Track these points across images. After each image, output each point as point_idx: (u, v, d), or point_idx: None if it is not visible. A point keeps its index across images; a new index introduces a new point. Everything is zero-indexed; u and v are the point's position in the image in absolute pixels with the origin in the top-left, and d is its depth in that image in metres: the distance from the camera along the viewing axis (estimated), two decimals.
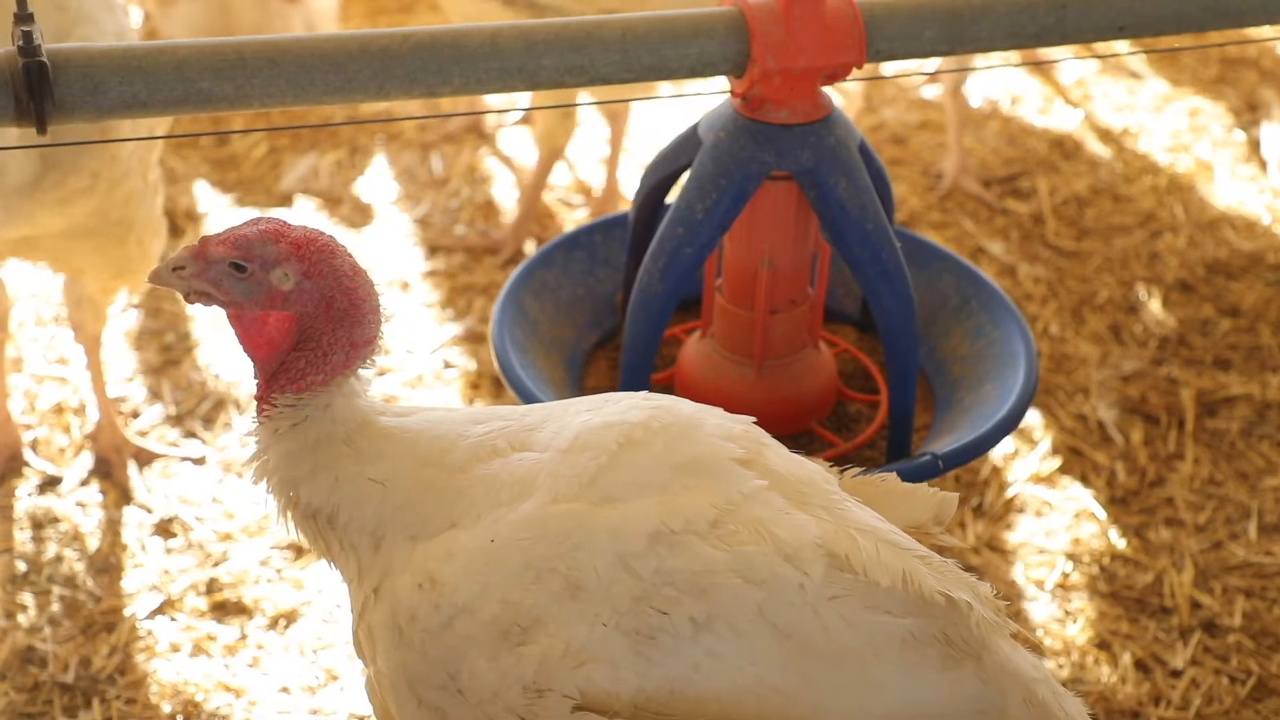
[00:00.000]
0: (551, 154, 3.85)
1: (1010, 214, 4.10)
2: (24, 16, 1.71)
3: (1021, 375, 2.33)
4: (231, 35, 4.35)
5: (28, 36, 1.73)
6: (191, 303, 1.76)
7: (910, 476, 2.19)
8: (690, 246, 2.30)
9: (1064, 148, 4.40)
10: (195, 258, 1.72)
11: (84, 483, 3.13)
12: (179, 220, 3.94)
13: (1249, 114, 4.55)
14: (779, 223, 2.37)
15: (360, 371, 1.78)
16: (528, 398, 2.27)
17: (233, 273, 1.71)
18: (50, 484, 3.13)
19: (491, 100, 4.36)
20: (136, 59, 1.86)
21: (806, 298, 2.45)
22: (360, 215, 4.04)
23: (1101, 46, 3.98)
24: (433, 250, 3.90)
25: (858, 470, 1.89)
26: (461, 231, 3.97)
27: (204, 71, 1.92)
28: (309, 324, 1.75)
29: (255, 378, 1.79)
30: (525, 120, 4.42)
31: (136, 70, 1.85)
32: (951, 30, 2.27)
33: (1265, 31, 2.87)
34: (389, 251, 3.90)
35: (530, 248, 3.91)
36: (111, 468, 3.14)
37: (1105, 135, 4.47)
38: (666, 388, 2.51)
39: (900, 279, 2.30)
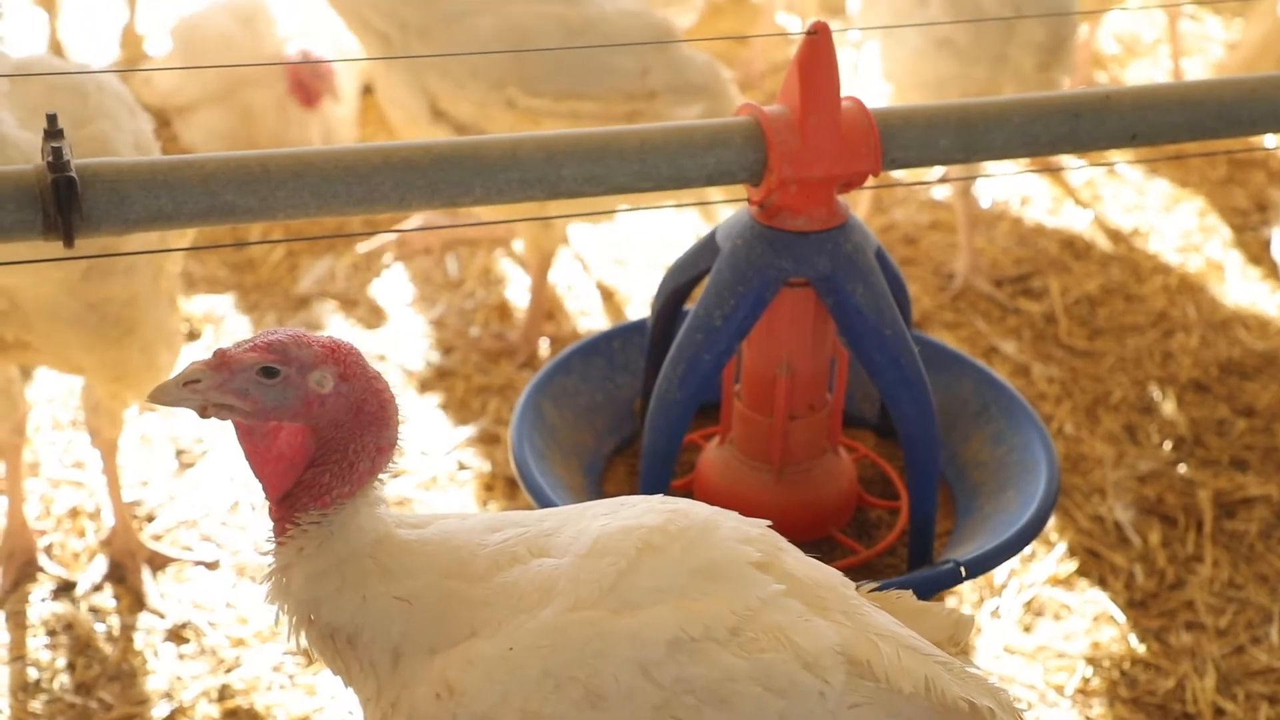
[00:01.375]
0: (542, 259, 3.87)
1: (1023, 313, 4.11)
2: (54, 133, 1.74)
3: (1043, 483, 2.32)
4: (253, 141, 4.47)
5: (57, 153, 1.75)
6: (206, 417, 1.67)
7: (932, 584, 2.18)
8: (709, 353, 2.30)
9: (1075, 248, 4.42)
10: (216, 368, 1.65)
11: (98, 588, 3.12)
12: (196, 323, 3.96)
13: (1258, 214, 4.58)
14: (797, 329, 2.37)
15: (379, 480, 1.76)
16: (545, 502, 2.27)
17: (262, 380, 1.65)
18: (64, 589, 3.12)
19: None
20: (162, 173, 1.88)
21: (825, 403, 2.45)
22: (376, 317, 4.06)
23: (1112, 151, 4.02)
24: (448, 351, 3.92)
25: (873, 586, 1.88)
26: (476, 333, 3.99)
27: (228, 184, 1.94)
28: (332, 433, 1.69)
29: (267, 498, 1.72)
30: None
31: (162, 184, 1.87)
32: (966, 139, 2.28)
33: (1271, 139, 2.90)
34: (404, 353, 3.91)
35: (545, 348, 3.93)
36: (125, 573, 3.13)
37: (1115, 235, 4.49)
38: (686, 494, 2.49)
39: (919, 384, 2.30)
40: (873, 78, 4.07)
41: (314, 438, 1.69)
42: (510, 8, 3.43)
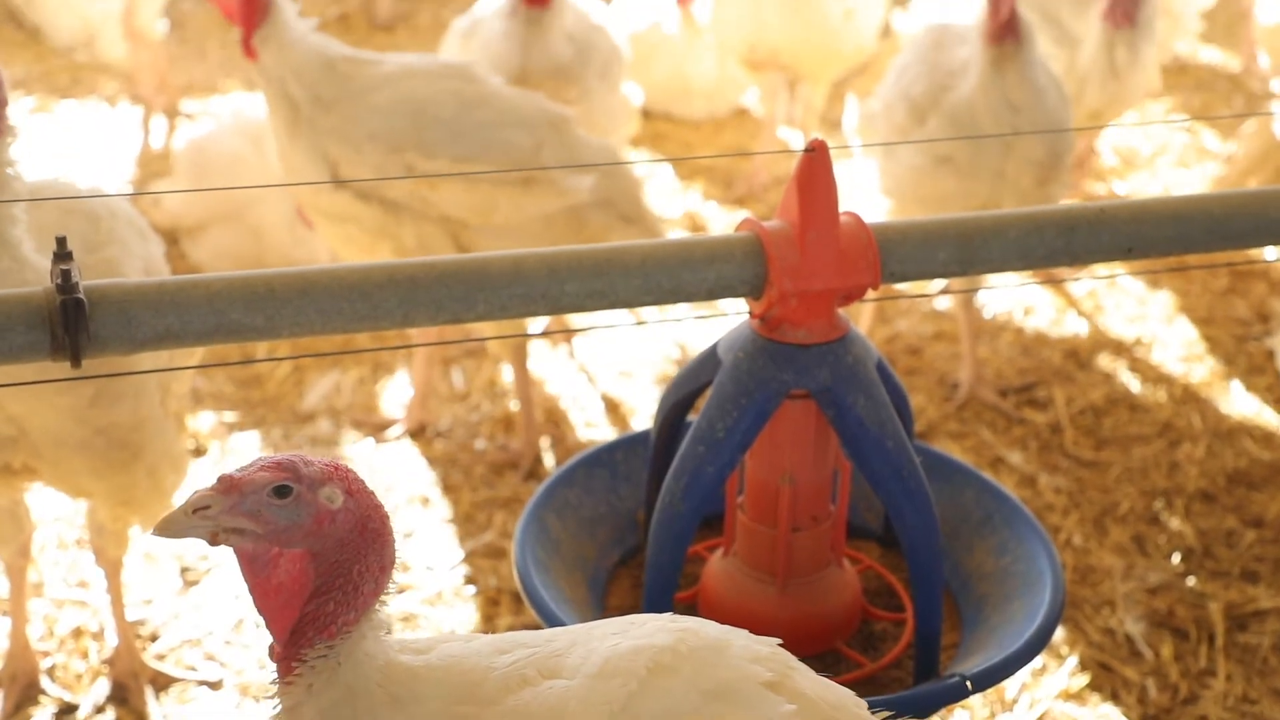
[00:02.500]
0: (518, 363, 3.91)
1: (1028, 424, 4.12)
2: (63, 255, 1.77)
3: (1048, 594, 2.31)
4: (261, 260, 4.52)
5: (66, 275, 1.78)
6: (216, 544, 1.64)
7: (939, 699, 2.16)
8: (712, 465, 2.30)
9: (1078, 358, 4.44)
10: (225, 492, 1.63)
11: (100, 709, 3.09)
12: (202, 440, 3.98)
13: (1260, 325, 4.61)
14: (799, 440, 2.38)
15: (381, 602, 1.74)
16: (550, 619, 2.26)
17: (274, 500, 1.63)
18: (66, 712, 3.09)
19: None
20: (170, 293, 1.91)
21: (829, 514, 2.44)
22: (382, 430, 4.07)
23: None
24: (453, 464, 3.92)
25: (886, 716, 1.86)
26: (482, 446, 4.00)
27: (235, 304, 1.97)
28: (336, 555, 1.67)
29: (272, 637, 1.68)
30: (543, 334, 4.50)
31: (170, 304, 1.90)
32: (964, 253, 2.31)
33: (1272, 251, 2.93)
34: (410, 466, 3.92)
35: (550, 457, 3.93)
36: (128, 694, 3.10)
37: (1119, 346, 4.51)
38: (690, 607, 2.49)
39: (922, 495, 2.30)
40: (872, 193, 4.13)
41: (314, 565, 1.67)
42: (410, 82, 3.57)
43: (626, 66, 4.67)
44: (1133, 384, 4.31)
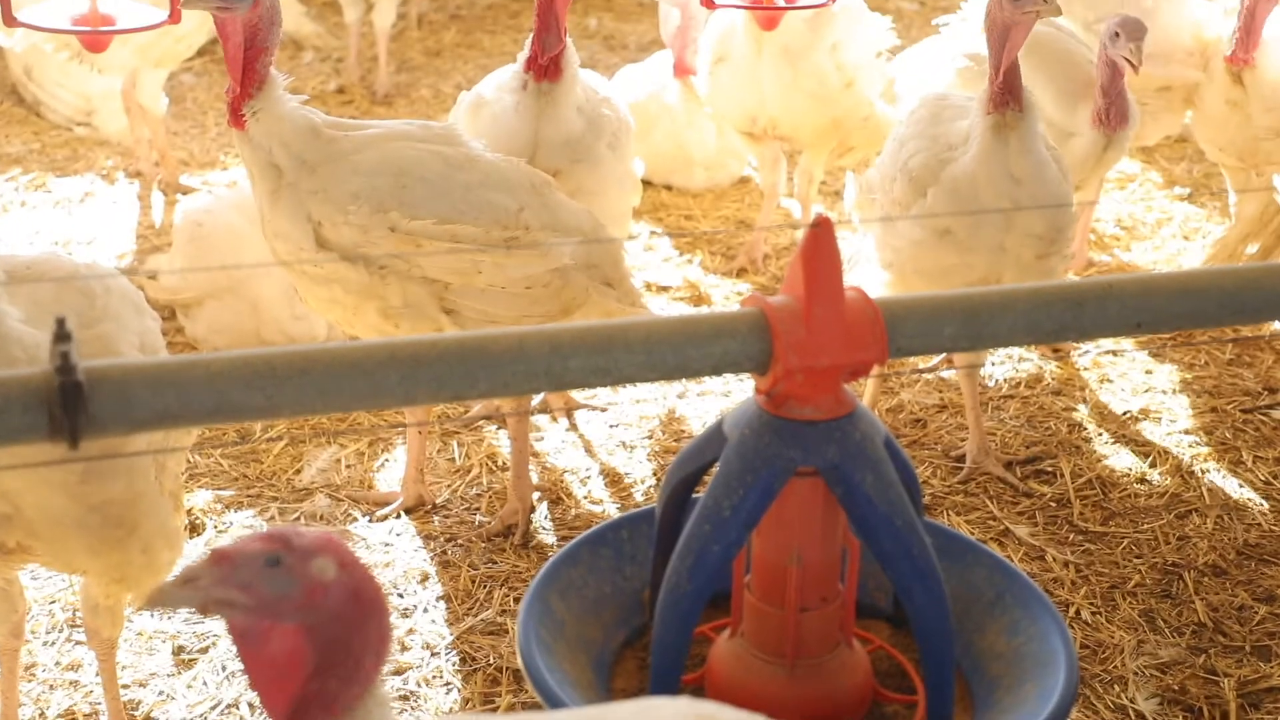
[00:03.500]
0: (517, 424, 3.89)
1: (1035, 496, 4.08)
2: (62, 336, 1.75)
3: (1062, 676, 2.26)
4: (259, 335, 4.50)
5: (65, 356, 1.76)
6: (208, 615, 1.62)
7: None
8: (718, 544, 2.27)
9: (1084, 429, 4.41)
10: (217, 563, 1.61)
11: None
12: (198, 516, 3.93)
13: (1268, 395, 4.58)
14: (807, 518, 2.34)
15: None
16: (554, 701, 2.21)
17: (265, 571, 1.61)
18: None
19: None
20: (169, 373, 1.88)
21: (837, 594, 2.40)
22: (380, 506, 4.03)
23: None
24: (451, 540, 3.88)
25: None
26: (481, 520, 3.96)
27: (235, 383, 1.94)
28: (333, 630, 1.63)
29: (270, 716, 1.64)
30: (543, 407, 4.47)
31: (169, 384, 1.87)
32: (970, 327, 2.29)
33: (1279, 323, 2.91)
34: (409, 542, 3.87)
35: (551, 535, 3.89)
36: None
37: (1125, 417, 4.48)
38: (697, 689, 2.44)
39: (931, 574, 2.26)
40: (872, 266, 4.11)
41: (310, 641, 1.63)
42: (393, 144, 3.62)
43: (634, 137, 4.68)
44: (1140, 456, 4.28)
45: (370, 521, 3.96)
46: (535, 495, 4.03)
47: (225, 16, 3.49)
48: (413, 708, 3.21)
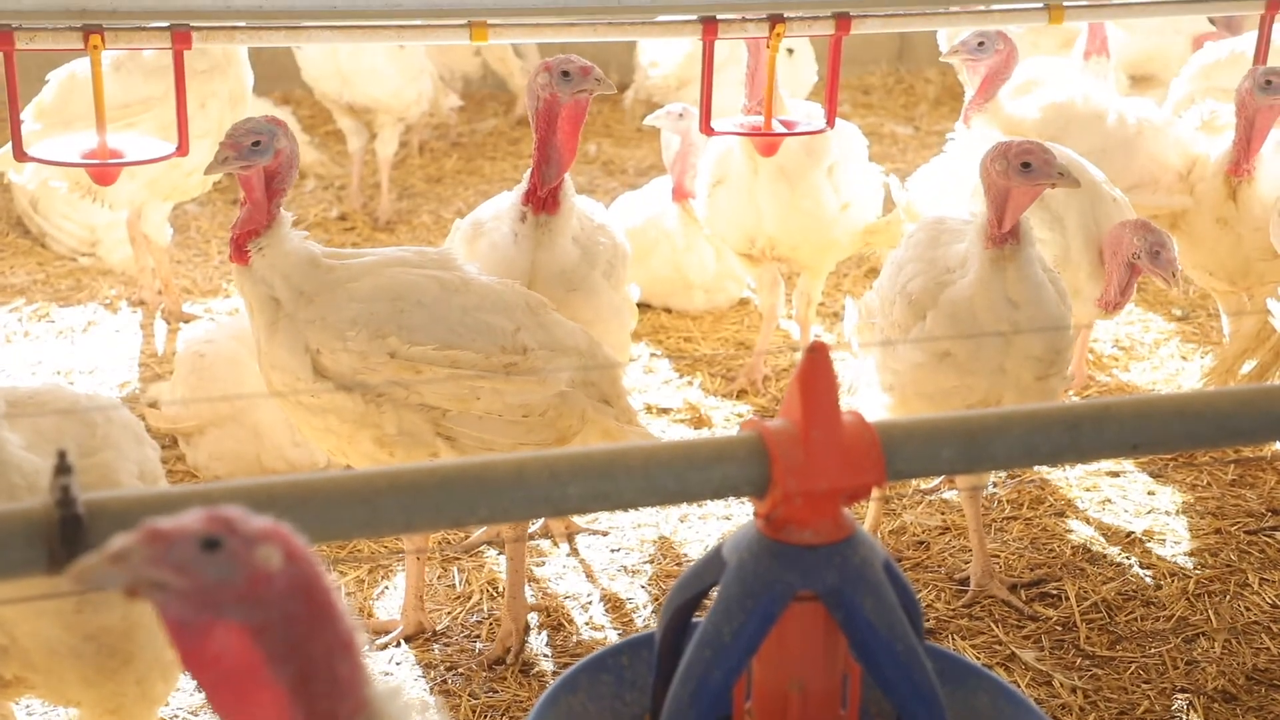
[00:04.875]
0: (514, 546, 3.88)
1: (1040, 620, 4.04)
2: (63, 469, 1.75)
3: None
4: (259, 461, 4.50)
5: (65, 490, 1.76)
6: (133, 598, 1.46)
7: None
8: (719, 670, 2.25)
9: (1089, 551, 4.39)
10: (150, 541, 1.46)
11: None
12: None
13: (1271, 517, 4.56)
14: (807, 644, 2.32)
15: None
16: None
17: (203, 554, 1.47)
18: None
19: None
20: (171, 504, 1.87)
21: None
22: (379, 634, 4.00)
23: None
24: (452, 669, 3.84)
25: None
26: (482, 648, 3.92)
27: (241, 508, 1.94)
28: (280, 634, 1.46)
29: None
30: (544, 531, 4.45)
31: (170, 515, 1.87)
32: (968, 450, 2.30)
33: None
34: (409, 671, 3.83)
35: (550, 662, 3.85)
36: None
37: (1129, 539, 4.46)
38: None
39: (934, 700, 2.23)
40: (873, 389, 4.13)
41: (259, 645, 1.47)
42: (390, 270, 3.66)
43: (631, 263, 4.73)
44: (1145, 578, 4.25)
45: (370, 650, 3.93)
46: (532, 617, 4.00)
47: (249, 174, 3.56)
48: None
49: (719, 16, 4.60)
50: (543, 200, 4.17)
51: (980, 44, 5.07)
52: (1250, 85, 4.73)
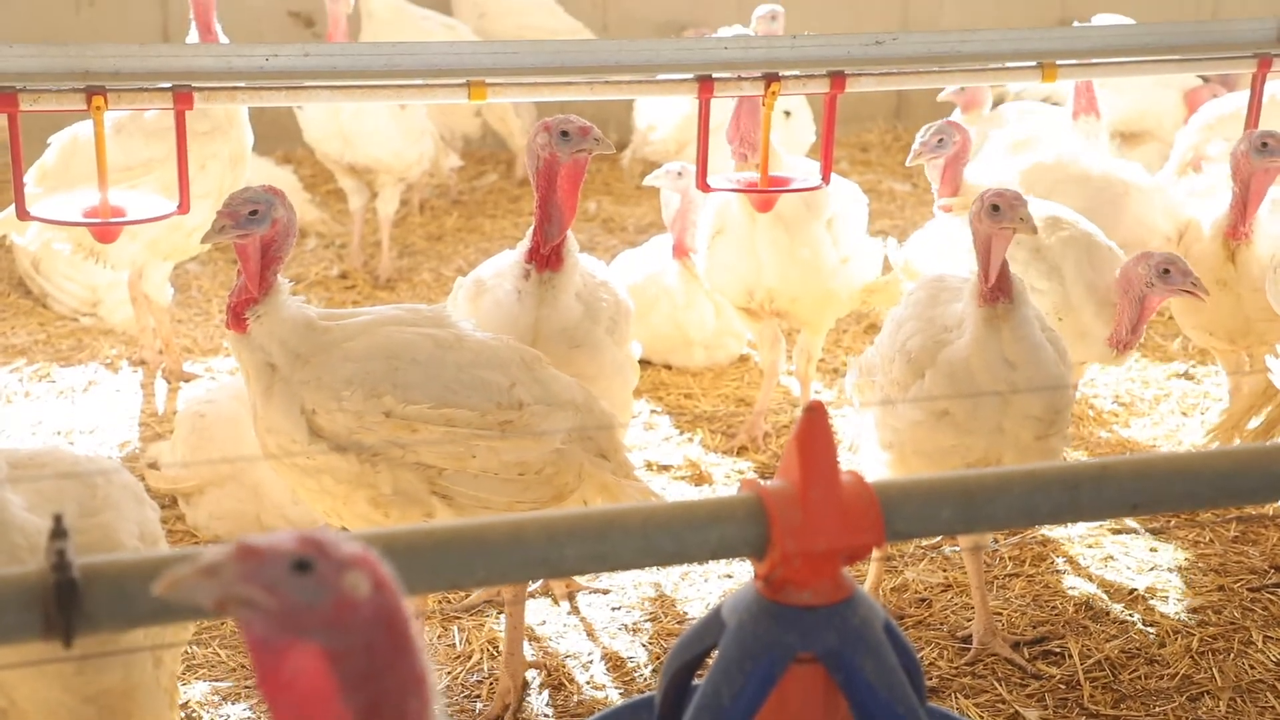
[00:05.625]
0: (513, 603, 3.87)
1: (1044, 678, 4.01)
2: (59, 533, 1.75)
3: None
4: (259, 520, 4.49)
5: (61, 554, 1.76)
6: (221, 613, 1.48)
7: None
8: None
9: (1092, 609, 4.36)
10: (243, 558, 1.48)
11: None
12: (194, 710, 3.87)
13: (1274, 574, 4.54)
14: (808, 706, 2.31)
15: None
16: None
17: (294, 575, 1.48)
18: None
19: None
20: (165, 567, 1.87)
21: None
22: None
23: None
24: None
25: None
26: (482, 708, 3.89)
27: None
28: (359, 663, 1.46)
29: None
30: (544, 590, 4.43)
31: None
32: (967, 510, 2.29)
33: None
34: None
35: (551, 718, 3.83)
36: None
37: (1132, 596, 4.44)
38: None
39: None
40: (873, 446, 4.13)
41: (334, 669, 1.47)
42: (385, 329, 3.67)
43: (633, 319, 4.75)
44: (1149, 636, 4.23)
45: None
46: (533, 675, 3.97)
47: (246, 242, 3.58)
48: None
49: (715, 75, 4.64)
50: (546, 258, 4.19)
51: (940, 141, 5.15)
52: (1245, 148, 4.76)
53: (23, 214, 4.42)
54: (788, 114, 6.94)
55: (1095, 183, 5.46)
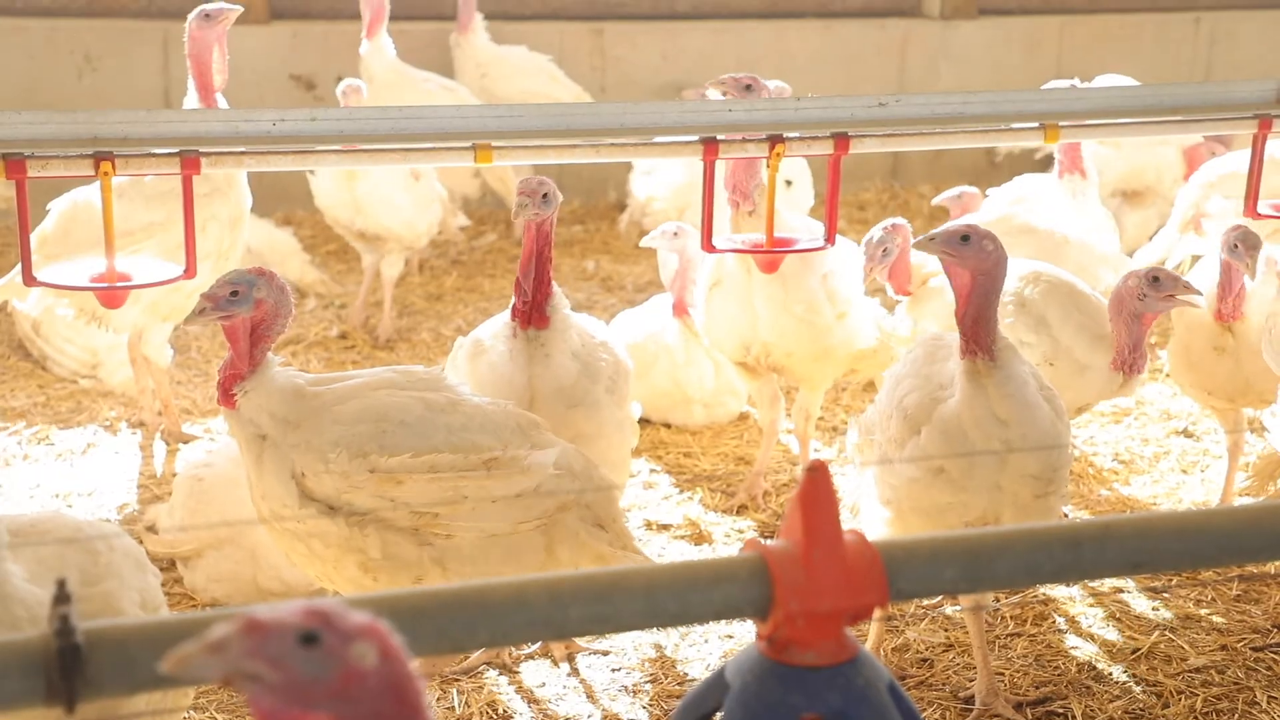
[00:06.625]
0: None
1: None
2: (62, 598, 1.75)
3: None
4: (256, 583, 4.47)
5: (64, 619, 1.76)
6: (228, 686, 1.48)
7: None
8: None
9: (1094, 668, 4.34)
10: (248, 632, 1.48)
11: None
12: None
13: (1278, 634, 4.52)
14: None
15: None
16: None
17: (299, 649, 1.48)
18: None
19: None
20: (170, 632, 1.87)
21: None
22: None
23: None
24: None
25: None
26: None
27: None
28: None
29: None
30: (544, 651, 4.41)
31: (168, 645, 1.84)
32: (971, 570, 2.29)
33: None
34: None
35: None
36: None
37: (1135, 655, 4.41)
38: None
39: None
40: (872, 503, 4.12)
41: None
42: (376, 393, 3.68)
43: (632, 379, 4.75)
44: (1152, 696, 4.20)
45: None
46: None
47: (231, 323, 3.60)
48: None
49: (719, 137, 4.67)
50: (527, 315, 4.22)
51: (884, 251, 5.21)
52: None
53: (29, 279, 4.44)
54: (789, 183, 6.99)
55: (1039, 236, 5.62)
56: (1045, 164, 7.95)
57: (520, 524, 3.62)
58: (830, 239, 4.92)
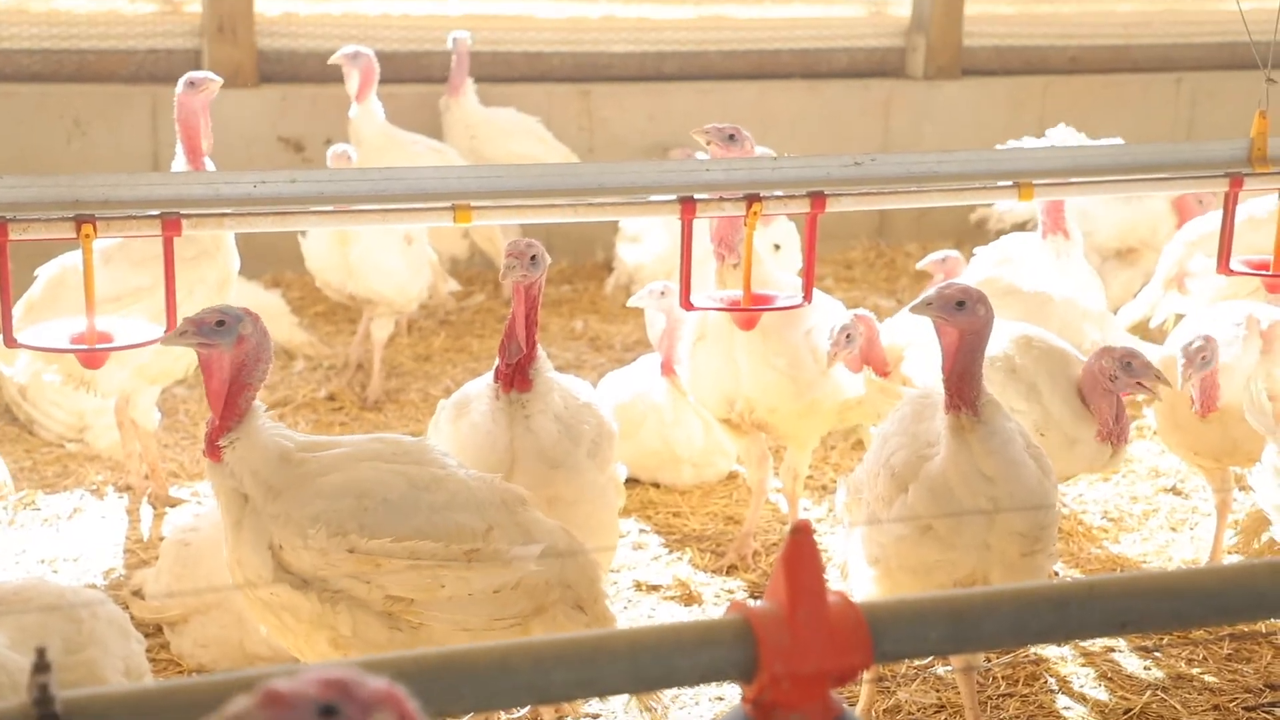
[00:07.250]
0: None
1: None
2: (42, 667, 1.74)
3: None
4: (243, 647, 4.43)
5: (43, 688, 1.75)
6: None
7: None
8: None
9: None
10: (267, 705, 1.48)
11: None
12: None
13: (1270, 693, 4.50)
14: None
15: None
16: None
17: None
18: None
19: None
20: (152, 700, 1.86)
21: None
22: None
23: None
24: None
25: None
26: None
27: (217, 702, 1.92)
28: None
29: None
30: (533, 715, 4.37)
31: (149, 713, 1.85)
32: (957, 630, 2.29)
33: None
34: None
35: None
36: None
37: (1127, 715, 4.38)
38: None
39: None
40: (860, 562, 4.11)
41: None
42: (360, 466, 3.63)
43: (617, 442, 4.74)
44: None
45: None
46: None
47: (209, 354, 3.58)
48: None
49: (697, 196, 4.70)
50: (510, 377, 4.22)
51: (848, 338, 5.24)
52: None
53: (10, 342, 4.43)
54: (777, 247, 7.03)
55: (1025, 298, 5.66)
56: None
57: (495, 621, 3.57)
58: (807, 296, 4.94)
